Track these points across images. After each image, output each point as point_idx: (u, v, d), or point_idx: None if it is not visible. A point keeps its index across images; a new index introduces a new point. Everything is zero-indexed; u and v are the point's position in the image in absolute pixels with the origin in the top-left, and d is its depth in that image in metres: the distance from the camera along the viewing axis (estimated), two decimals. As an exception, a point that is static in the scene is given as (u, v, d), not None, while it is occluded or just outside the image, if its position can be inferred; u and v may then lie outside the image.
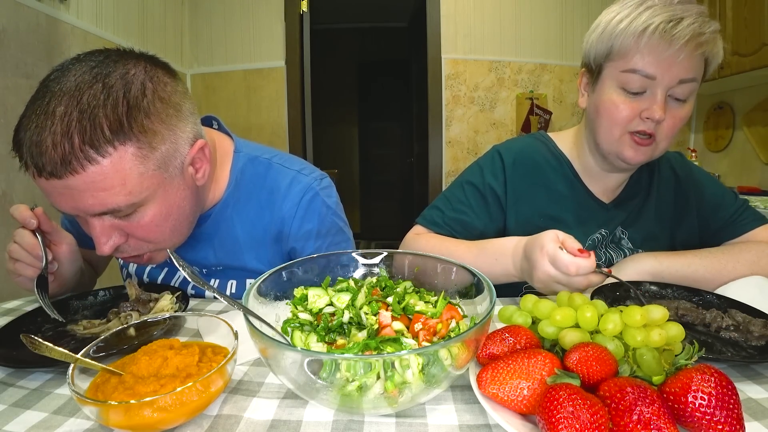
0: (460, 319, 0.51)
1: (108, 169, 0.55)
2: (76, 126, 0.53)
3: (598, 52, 0.78)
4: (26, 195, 1.60)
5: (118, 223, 0.62)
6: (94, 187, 0.56)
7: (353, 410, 0.43)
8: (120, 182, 0.57)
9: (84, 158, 0.54)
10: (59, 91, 0.54)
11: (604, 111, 0.78)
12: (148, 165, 0.59)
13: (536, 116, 3.01)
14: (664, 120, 0.73)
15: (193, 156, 0.67)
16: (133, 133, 0.56)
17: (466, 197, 0.90)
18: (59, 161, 0.53)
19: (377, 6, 4.34)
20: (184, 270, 0.46)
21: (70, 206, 0.58)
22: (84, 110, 0.53)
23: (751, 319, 0.60)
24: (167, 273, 0.87)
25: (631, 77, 0.73)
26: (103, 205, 0.58)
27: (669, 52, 0.69)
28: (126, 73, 0.58)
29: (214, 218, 0.79)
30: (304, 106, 2.98)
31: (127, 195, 0.58)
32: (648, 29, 0.70)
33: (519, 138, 0.98)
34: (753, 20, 2.06)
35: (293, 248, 0.82)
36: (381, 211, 5.34)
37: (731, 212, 0.88)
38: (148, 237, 0.65)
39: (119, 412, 0.38)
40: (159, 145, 0.60)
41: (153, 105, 0.59)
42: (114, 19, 2.15)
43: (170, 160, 0.63)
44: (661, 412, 0.34)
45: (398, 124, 5.10)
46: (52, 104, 0.53)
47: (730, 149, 2.68)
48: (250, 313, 0.45)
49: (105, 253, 0.62)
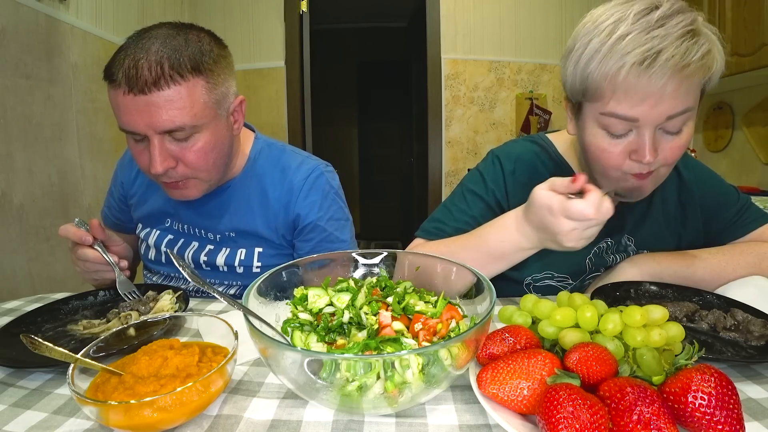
0: (460, 319, 0.51)
1: (184, 91, 0.71)
2: (167, 58, 0.69)
3: (574, 87, 0.69)
4: (26, 195, 1.60)
5: (174, 148, 0.75)
6: (171, 105, 0.70)
7: (353, 410, 0.43)
8: (190, 104, 0.72)
9: (171, 79, 0.69)
10: (153, 36, 0.71)
11: (591, 152, 0.71)
12: (210, 97, 0.75)
13: (536, 116, 3.01)
14: (661, 153, 0.66)
15: (235, 106, 0.83)
16: (205, 71, 0.74)
17: (468, 206, 0.85)
18: (151, 80, 0.68)
19: (377, 6, 4.34)
20: (184, 270, 0.46)
21: (145, 122, 0.70)
22: (173, 48, 0.70)
23: (751, 318, 0.60)
24: (182, 244, 0.95)
25: (611, 121, 0.65)
26: (172, 121, 0.71)
27: (649, 90, 0.60)
28: (198, 34, 0.76)
29: (232, 189, 0.92)
30: (304, 106, 2.97)
31: (193, 117, 0.72)
32: (622, 71, 0.60)
33: (517, 141, 0.93)
34: (752, 20, 2.06)
35: (298, 214, 0.92)
36: (381, 211, 5.33)
37: (734, 212, 0.86)
38: (196, 163, 0.77)
39: (119, 412, 0.38)
40: (219, 86, 0.77)
41: (217, 58, 0.77)
42: (114, 19, 2.15)
43: (223, 102, 0.79)
44: (661, 412, 0.34)
45: (398, 124, 5.09)
46: (147, 44, 0.70)
47: (729, 149, 2.68)
48: (250, 313, 0.45)
49: (158, 171, 0.73)
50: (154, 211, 0.96)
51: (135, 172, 0.99)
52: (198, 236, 0.94)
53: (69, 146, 1.83)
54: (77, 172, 1.87)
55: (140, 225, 0.99)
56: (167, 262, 0.96)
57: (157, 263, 0.97)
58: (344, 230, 0.95)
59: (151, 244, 0.97)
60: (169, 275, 0.97)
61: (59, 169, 1.77)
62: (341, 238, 0.93)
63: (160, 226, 0.97)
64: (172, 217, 0.95)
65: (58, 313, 0.72)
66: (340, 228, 0.94)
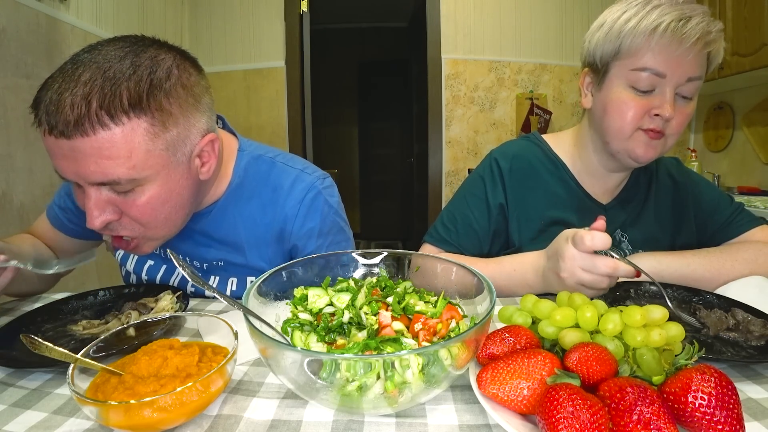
0: (460, 319, 0.51)
1: (118, 137, 0.56)
2: (97, 92, 0.55)
3: (605, 51, 0.77)
4: (26, 195, 1.60)
5: (114, 198, 0.62)
6: (99, 153, 0.56)
7: (353, 410, 0.43)
8: (126, 154, 0.58)
9: (97, 122, 0.55)
10: (89, 61, 0.56)
11: (613, 110, 0.78)
12: (157, 143, 0.60)
13: (536, 116, 3.01)
14: (674, 117, 0.74)
15: (202, 147, 0.68)
16: (150, 109, 0.58)
17: (471, 210, 0.90)
18: (72, 121, 0.54)
19: (377, 6, 4.34)
20: (184, 269, 0.46)
21: (72, 171, 0.58)
22: (108, 79, 0.56)
23: (751, 318, 0.60)
24: (165, 271, 0.87)
25: (641, 75, 0.73)
26: (104, 174, 0.58)
27: (679, 51, 0.70)
28: (156, 56, 0.60)
29: (215, 214, 0.80)
30: (304, 106, 2.97)
31: (131, 169, 0.59)
32: (659, 27, 0.70)
33: (514, 141, 0.98)
34: (753, 20, 2.06)
35: (295, 246, 0.82)
36: (381, 211, 5.34)
37: (727, 215, 0.90)
38: (142, 219, 0.65)
39: (119, 412, 0.38)
40: (172, 127, 0.61)
41: (174, 89, 0.61)
42: (114, 19, 2.15)
43: (179, 145, 0.64)
44: (661, 412, 0.34)
45: (398, 124, 5.09)
46: (78, 71, 0.56)
47: (729, 149, 2.68)
48: (250, 313, 0.45)
49: (95, 226, 0.62)
50: None
51: None
52: None
53: (69, 146, 1.83)
54: (77, 172, 1.87)
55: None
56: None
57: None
58: (346, 248, 0.90)
59: (130, 270, 0.87)
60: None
61: (59, 169, 1.77)
62: None
63: None
64: None
65: (57, 313, 0.72)
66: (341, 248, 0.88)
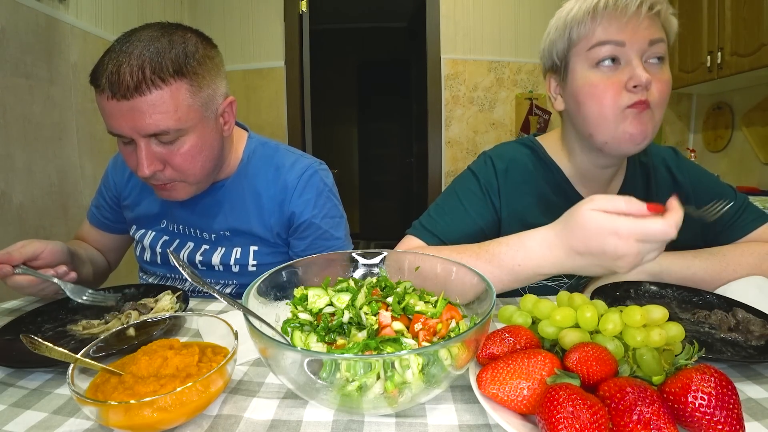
0: (460, 319, 0.51)
1: (167, 96, 0.71)
2: (148, 63, 0.69)
3: (559, 47, 0.79)
4: (25, 195, 1.60)
5: (161, 150, 0.75)
6: (153, 109, 0.70)
7: (353, 410, 0.43)
8: (174, 108, 0.72)
9: (152, 84, 0.69)
10: (137, 39, 0.71)
11: (585, 96, 0.75)
12: (195, 100, 0.75)
13: (535, 116, 3.01)
14: (652, 85, 0.71)
15: (224, 108, 0.83)
16: (188, 74, 0.73)
17: (461, 203, 0.86)
18: (133, 85, 0.68)
19: (377, 6, 4.34)
20: (184, 269, 0.46)
21: (130, 126, 0.71)
22: (155, 52, 0.70)
23: (751, 318, 0.60)
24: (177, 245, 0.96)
25: (601, 50, 0.73)
26: (156, 125, 0.71)
27: (626, 18, 0.70)
28: (184, 35, 0.76)
29: (227, 188, 0.93)
30: (304, 106, 2.97)
31: (177, 120, 0.73)
32: (599, 4, 0.71)
33: (509, 144, 0.94)
34: (752, 20, 2.07)
35: (293, 213, 0.92)
36: (380, 211, 5.34)
37: (731, 213, 0.86)
38: (183, 166, 0.78)
39: (119, 412, 0.38)
40: (205, 88, 0.77)
41: (203, 59, 0.77)
42: (113, 19, 2.15)
43: (210, 103, 0.79)
44: (661, 412, 0.34)
45: (398, 124, 5.09)
46: (130, 47, 0.70)
47: (729, 149, 2.68)
48: (250, 313, 0.45)
49: (145, 174, 0.75)
50: (149, 212, 0.97)
51: (128, 173, 0.98)
52: (193, 236, 0.94)
53: (69, 146, 1.83)
54: (77, 172, 1.87)
55: (134, 226, 0.99)
56: (163, 263, 0.96)
57: (153, 264, 0.97)
58: (339, 228, 0.96)
59: (146, 246, 0.97)
60: (166, 276, 0.97)
61: (59, 169, 1.77)
62: (336, 235, 0.95)
63: (156, 227, 0.97)
64: (167, 217, 0.96)
65: (57, 313, 0.72)
66: (334, 225, 0.95)
